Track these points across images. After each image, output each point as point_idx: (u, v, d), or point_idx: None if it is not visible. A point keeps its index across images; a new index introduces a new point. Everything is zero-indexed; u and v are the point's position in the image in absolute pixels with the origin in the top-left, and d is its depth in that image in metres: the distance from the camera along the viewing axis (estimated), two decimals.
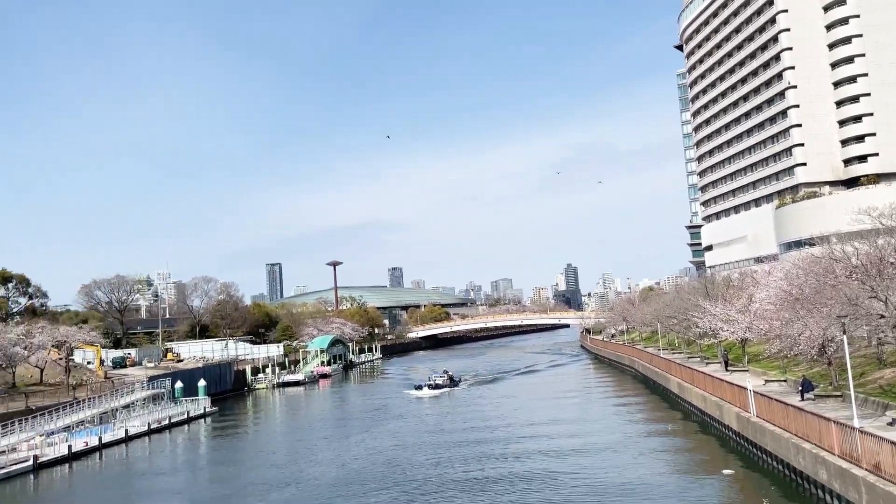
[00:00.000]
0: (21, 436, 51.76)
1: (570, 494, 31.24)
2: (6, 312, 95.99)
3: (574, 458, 39.63)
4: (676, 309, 74.82)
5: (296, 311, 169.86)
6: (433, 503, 32.07)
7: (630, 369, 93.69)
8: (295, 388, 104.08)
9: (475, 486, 34.54)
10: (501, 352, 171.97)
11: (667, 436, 47.00)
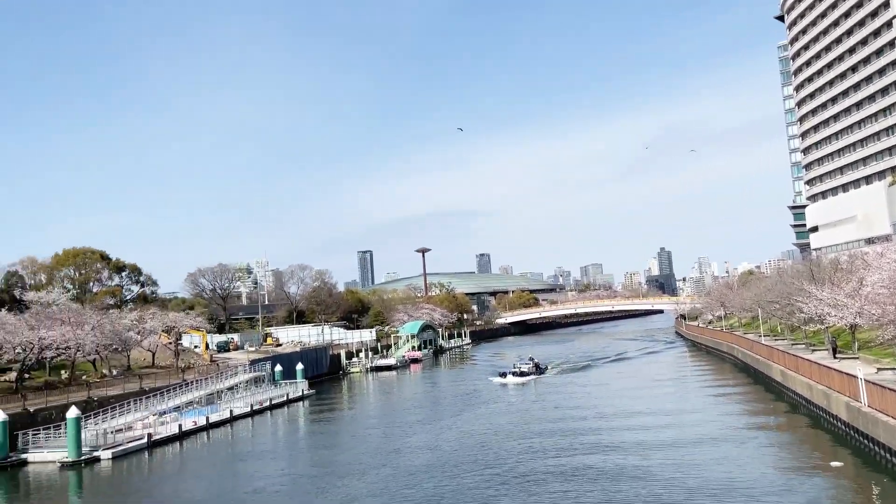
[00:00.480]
0: (136, 415, 55.56)
1: (667, 489, 29.82)
2: (121, 300, 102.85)
3: (670, 451, 37.95)
4: (779, 293, 71.25)
5: (386, 298, 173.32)
6: (525, 487, 32.10)
7: (729, 357, 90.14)
8: (387, 372, 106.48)
9: (567, 473, 34.29)
10: (591, 338, 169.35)
11: (769, 427, 44.95)
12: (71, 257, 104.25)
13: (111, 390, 60.52)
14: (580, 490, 30.94)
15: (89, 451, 45.84)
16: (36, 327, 60.77)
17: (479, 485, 33.13)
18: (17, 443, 46.38)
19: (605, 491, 30.44)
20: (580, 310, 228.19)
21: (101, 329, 67.35)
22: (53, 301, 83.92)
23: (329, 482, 35.94)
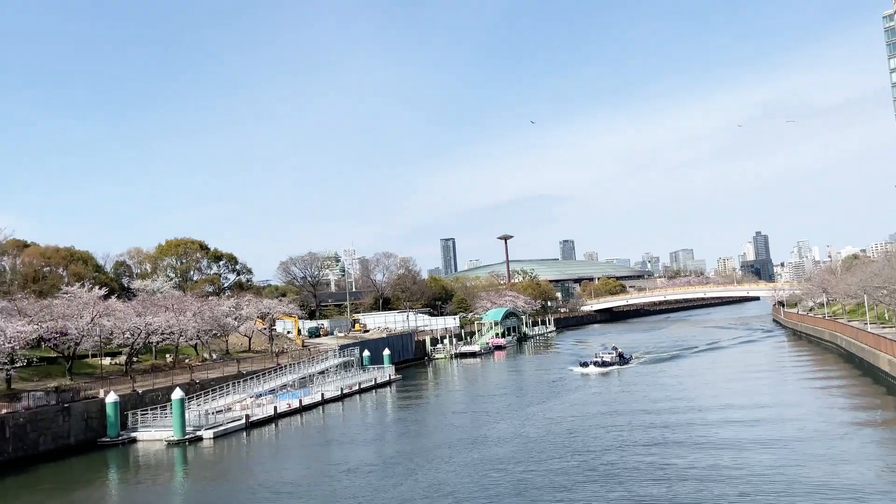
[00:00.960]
0: (235, 397, 58.28)
1: (766, 490, 27.99)
2: (219, 287, 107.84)
3: (767, 447, 35.66)
4: (887, 278, 66.87)
5: (469, 285, 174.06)
6: (615, 474, 31.59)
7: (832, 345, 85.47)
8: (471, 358, 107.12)
9: (655, 466, 33.54)
10: (681, 326, 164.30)
11: (876, 422, 42.25)
12: (173, 247, 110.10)
13: (211, 373, 63.67)
14: (670, 485, 30.15)
15: (193, 431, 48.46)
16: (142, 314, 64.61)
17: (567, 470, 32.90)
18: (127, 422, 49.59)
19: (698, 489, 29.47)
20: (669, 297, 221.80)
21: (201, 315, 70.91)
22: (158, 289, 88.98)
23: (418, 465, 36.56)
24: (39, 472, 40.40)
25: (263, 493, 33.48)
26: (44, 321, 54.46)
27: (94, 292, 65.18)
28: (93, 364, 63.48)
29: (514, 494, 29.61)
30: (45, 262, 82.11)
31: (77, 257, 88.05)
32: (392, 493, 30.97)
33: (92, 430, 47.51)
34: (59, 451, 44.34)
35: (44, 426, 44.34)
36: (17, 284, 72.05)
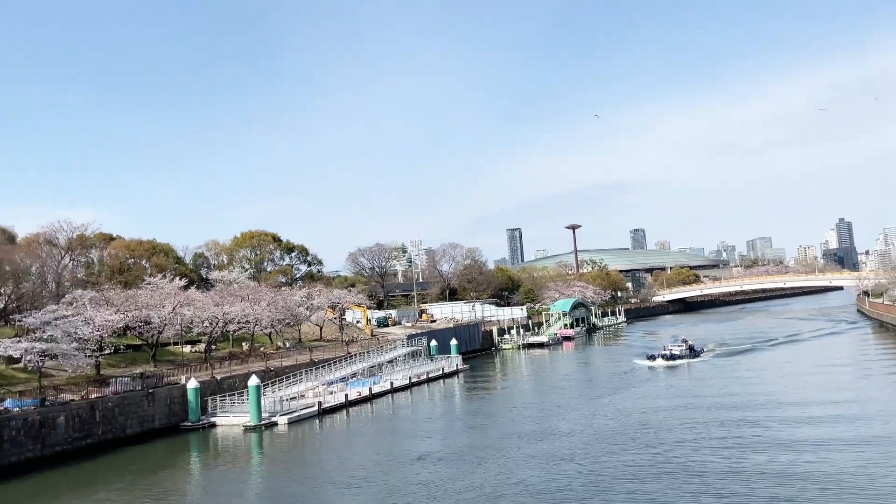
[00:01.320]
0: (308, 384, 59.86)
1: (848, 490, 26.61)
2: (291, 278, 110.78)
3: (852, 447, 33.63)
4: None
5: (536, 275, 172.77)
6: (689, 467, 30.87)
7: None
8: (539, 349, 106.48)
9: (733, 458, 32.62)
10: (757, 317, 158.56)
11: None
12: (247, 239, 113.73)
13: (285, 361, 65.55)
14: (748, 479, 29.22)
15: (268, 417, 50.08)
16: (220, 303, 67.06)
17: (638, 462, 32.36)
18: (207, 407, 51.66)
19: (777, 484, 28.47)
20: (746, 287, 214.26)
21: (274, 305, 73.06)
22: (234, 280, 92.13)
23: (488, 453, 36.69)
24: (127, 454, 42.60)
25: (338, 476, 34.35)
26: (129, 310, 57.26)
27: (175, 283, 68.01)
28: (174, 351, 66.37)
29: (584, 485, 29.36)
30: (130, 255, 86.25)
31: (159, 249, 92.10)
32: (463, 482, 31.19)
33: (175, 415, 49.74)
34: (144, 435, 46.63)
35: (130, 410, 46.70)
36: (104, 275, 76.01)
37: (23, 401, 42.01)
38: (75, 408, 43.09)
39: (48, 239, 75.95)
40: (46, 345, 46.25)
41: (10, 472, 37.27)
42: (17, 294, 56.58)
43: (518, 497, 28.31)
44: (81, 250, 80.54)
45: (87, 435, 43.19)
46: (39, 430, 40.29)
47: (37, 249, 69.48)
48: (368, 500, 29.66)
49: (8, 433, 38.53)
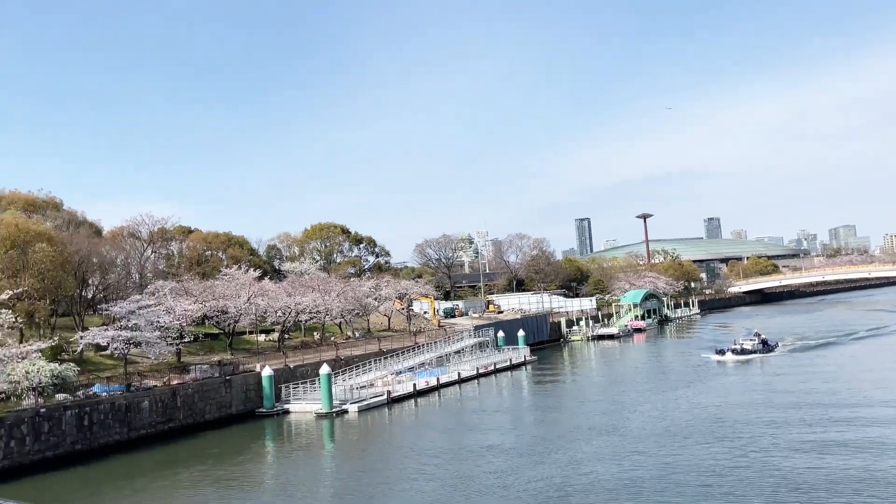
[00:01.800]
0: (377, 373, 60.79)
1: None
2: (359, 269, 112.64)
3: None
4: None
5: (606, 266, 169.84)
6: (767, 462, 29.77)
7: None
8: (609, 341, 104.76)
9: (814, 454, 31.27)
10: (839, 309, 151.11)
11: None
12: (317, 231, 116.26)
13: (355, 350, 66.76)
14: (830, 476, 27.94)
15: (339, 404, 51.13)
16: (292, 294, 68.83)
17: (713, 456, 31.44)
18: (280, 394, 53.18)
19: (861, 479, 27.11)
20: (828, 277, 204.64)
21: (344, 296, 74.46)
22: (305, 271, 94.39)
23: (558, 445, 36.43)
24: (206, 438, 44.34)
25: (409, 463, 34.83)
26: (207, 300, 59.46)
27: (250, 274, 70.16)
28: (249, 340, 68.56)
29: (657, 477, 28.76)
30: (207, 246, 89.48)
31: (234, 241, 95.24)
32: (533, 472, 31.08)
33: (250, 401, 51.41)
34: (221, 420, 48.40)
35: (209, 396, 48.56)
36: (183, 267, 79.15)
37: (110, 386, 44.31)
38: (158, 393, 45.13)
39: (132, 232, 79.65)
40: (131, 333, 48.57)
41: (99, 453, 39.40)
42: (104, 285, 59.56)
43: (589, 488, 28.00)
44: (162, 243, 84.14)
45: (169, 419, 45.18)
46: (126, 414, 42.39)
47: (121, 242, 72.96)
48: (440, 486, 29.91)
49: (97, 416, 40.71)
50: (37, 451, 37.26)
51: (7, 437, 36.09)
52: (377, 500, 28.89)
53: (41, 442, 37.56)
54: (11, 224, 52.03)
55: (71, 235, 59.85)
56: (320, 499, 30.36)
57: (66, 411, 39.16)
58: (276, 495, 31.15)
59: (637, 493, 26.89)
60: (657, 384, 58.21)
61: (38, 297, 48.81)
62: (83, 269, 54.98)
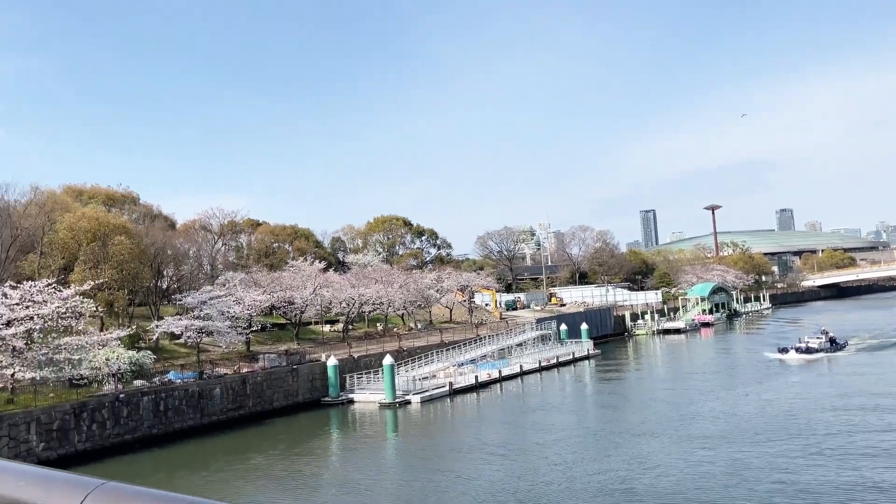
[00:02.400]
0: (438, 365, 61.19)
1: None
2: (421, 261, 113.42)
3: None
4: None
5: (672, 258, 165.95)
6: (843, 458, 28.56)
7: None
8: (675, 335, 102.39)
9: (890, 453, 29.74)
10: None
11: None
12: (380, 224, 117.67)
13: (417, 342, 67.36)
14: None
15: (402, 395, 51.74)
16: (356, 285, 69.95)
17: (785, 453, 30.39)
18: (345, 384, 54.20)
19: None
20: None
21: (406, 287, 75.19)
22: (368, 263, 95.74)
23: (622, 440, 35.92)
24: (275, 425, 45.63)
25: (473, 454, 35.03)
26: (274, 291, 61.06)
27: (315, 266, 71.63)
28: (315, 330, 70.08)
29: (727, 473, 28.02)
30: (274, 239, 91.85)
31: (300, 234, 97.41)
32: (597, 466, 30.79)
33: (316, 390, 52.58)
34: (289, 408, 49.70)
35: (277, 385, 49.92)
36: (252, 258, 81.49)
37: (184, 374, 46.09)
38: (229, 381, 46.68)
39: (203, 225, 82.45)
40: (203, 322, 50.35)
41: (174, 438, 41.09)
42: (178, 276, 61.94)
43: (655, 482, 27.53)
44: (232, 235, 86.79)
45: (239, 406, 46.69)
46: (198, 401, 44.04)
47: (194, 235, 75.64)
48: (505, 478, 29.94)
49: (172, 402, 42.44)
50: (116, 435, 39.14)
51: (89, 420, 38.04)
52: (442, 491, 29.16)
53: (120, 426, 39.43)
54: (93, 218, 54.65)
55: (147, 228, 62.40)
56: (387, 487, 30.85)
57: (144, 397, 40.97)
58: (343, 483, 31.82)
59: (705, 489, 26.26)
60: (723, 380, 56.61)
61: (117, 287, 51.15)
62: (158, 260, 57.30)
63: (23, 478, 1.84)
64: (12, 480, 1.84)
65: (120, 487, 1.65)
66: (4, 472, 1.90)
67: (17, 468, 1.90)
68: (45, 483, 1.79)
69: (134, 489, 1.62)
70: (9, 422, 34.70)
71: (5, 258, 46.73)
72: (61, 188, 74.99)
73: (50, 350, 38.91)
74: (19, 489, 1.79)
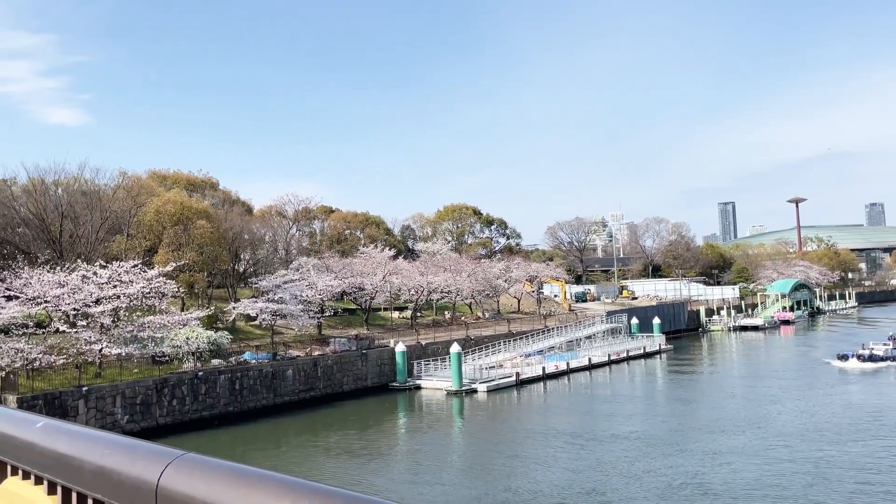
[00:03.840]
0: (505, 355, 61.09)
1: None
2: (490, 250, 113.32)
3: None
4: None
5: (751, 253, 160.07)
6: None
7: None
8: (753, 332, 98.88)
9: None
10: None
11: None
12: (450, 212, 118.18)
13: (484, 331, 67.45)
14: None
15: (469, 383, 51.95)
16: (425, 273, 70.55)
17: (871, 454, 28.87)
18: (412, 370, 54.85)
19: None
20: None
21: (475, 276, 75.32)
22: (437, 251, 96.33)
23: (693, 437, 35.01)
24: (344, 408, 46.66)
25: (538, 444, 34.87)
26: (346, 277, 62.30)
27: (385, 253, 72.64)
28: (384, 316, 71.17)
29: (806, 472, 26.90)
30: (346, 226, 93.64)
31: (371, 221, 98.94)
32: (669, 459, 30.17)
33: (384, 375, 53.43)
34: (357, 392, 50.71)
35: (347, 368, 50.99)
36: (324, 244, 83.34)
37: (258, 354, 47.66)
38: (301, 363, 47.99)
39: (279, 211, 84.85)
40: (277, 305, 51.88)
41: (248, 416, 42.61)
42: (254, 260, 63.97)
43: (729, 479, 26.70)
44: (306, 221, 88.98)
45: (310, 388, 47.95)
46: (272, 381, 45.47)
47: (269, 220, 77.92)
48: (575, 466, 29.71)
49: (247, 382, 43.98)
50: (195, 410, 40.88)
51: (170, 395, 39.86)
52: (510, 474, 29.14)
53: (199, 402, 41.15)
54: (177, 202, 57.01)
55: (226, 213, 64.66)
56: (452, 473, 31.06)
57: (221, 375, 42.61)
58: (410, 467, 32.28)
59: (783, 487, 25.26)
60: (803, 379, 54.20)
61: (197, 269, 53.27)
62: (236, 244, 59.31)
63: (109, 446, 1.96)
64: (100, 448, 1.96)
65: (199, 458, 1.69)
66: (93, 439, 2.05)
67: (105, 436, 2.04)
68: (129, 451, 1.89)
69: (213, 461, 1.65)
70: (96, 394, 36.75)
71: (95, 239, 49.32)
72: (146, 173, 78.54)
73: (135, 328, 40.93)
74: (105, 456, 1.91)
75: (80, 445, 2.03)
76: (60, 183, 54.93)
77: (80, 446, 2.03)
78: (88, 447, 1.99)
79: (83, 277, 40.66)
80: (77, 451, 2.02)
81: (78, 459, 1.98)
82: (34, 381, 36.55)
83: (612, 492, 26.14)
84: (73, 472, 2.00)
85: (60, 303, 39.52)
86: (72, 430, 2.19)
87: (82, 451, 1.99)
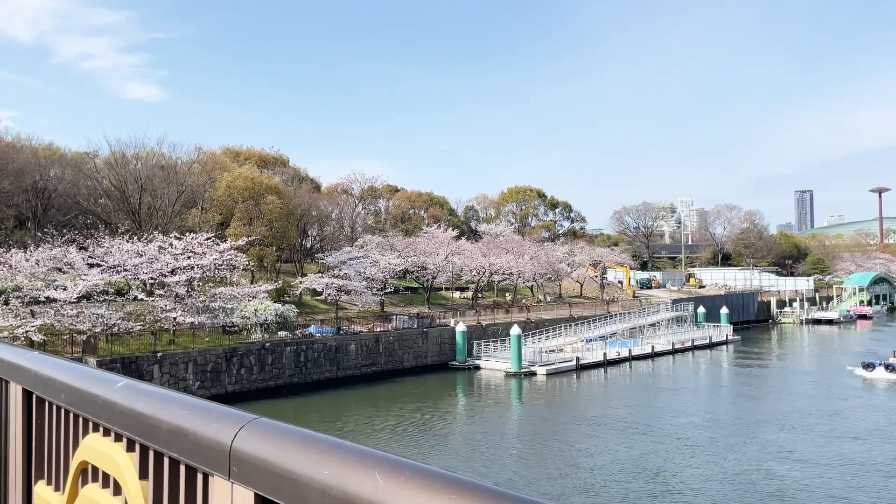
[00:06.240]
0: (566, 339, 60.61)
1: None
2: (554, 234, 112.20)
3: None
4: None
5: (829, 244, 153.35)
6: None
7: None
8: (826, 326, 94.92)
9: None
10: None
11: None
12: (514, 194, 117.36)
13: (545, 314, 67.02)
14: None
15: (528, 366, 51.85)
16: (487, 254, 70.51)
17: None
18: (472, 350, 55.10)
19: None
20: None
21: (537, 259, 74.77)
22: (500, 233, 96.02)
23: (755, 430, 34.05)
24: (404, 384, 47.35)
25: (595, 430, 34.58)
26: (408, 256, 62.92)
27: (448, 233, 72.89)
28: (445, 296, 71.58)
29: (881, 471, 25.81)
30: (411, 205, 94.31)
31: (435, 201, 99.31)
32: (733, 452, 29.47)
33: (444, 354, 53.90)
34: (417, 369, 51.35)
35: (407, 345, 51.67)
36: (388, 223, 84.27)
37: (323, 328, 48.80)
38: (363, 338, 48.91)
39: (345, 189, 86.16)
40: (342, 281, 52.90)
41: (311, 387, 43.78)
42: (321, 236, 65.30)
43: (798, 472, 25.90)
44: (371, 200, 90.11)
45: (372, 363, 48.86)
46: (335, 355, 46.54)
47: (336, 198, 79.23)
48: (635, 453, 29.36)
49: (311, 354, 45.16)
50: (261, 380, 42.30)
51: (238, 365, 41.35)
52: (566, 457, 29.07)
53: (265, 372, 42.55)
54: (248, 178, 58.62)
55: (295, 190, 66.12)
56: (509, 454, 31.20)
57: (286, 347, 43.88)
58: (467, 445, 32.57)
59: (856, 486, 24.34)
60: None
61: (267, 243, 54.77)
62: (304, 220, 60.67)
63: (185, 407, 2.00)
64: (176, 408, 2.01)
65: (271, 423, 1.74)
66: (169, 400, 2.09)
67: (181, 398, 2.09)
68: (204, 413, 1.92)
69: (284, 426, 1.71)
70: (170, 360, 38.46)
71: (171, 211, 51.33)
72: (220, 149, 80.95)
73: (207, 298, 42.54)
74: (181, 417, 1.95)
75: (157, 406, 2.07)
76: (140, 157, 57.27)
77: (158, 406, 2.06)
78: (165, 407, 2.03)
79: (160, 248, 42.48)
80: (154, 410, 2.05)
81: (155, 419, 2.03)
82: (113, 345, 38.51)
83: (677, 480, 25.74)
84: (151, 431, 2.05)
85: (139, 272, 41.43)
86: (150, 391, 2.23)
87: (159, 411, 2.03)
